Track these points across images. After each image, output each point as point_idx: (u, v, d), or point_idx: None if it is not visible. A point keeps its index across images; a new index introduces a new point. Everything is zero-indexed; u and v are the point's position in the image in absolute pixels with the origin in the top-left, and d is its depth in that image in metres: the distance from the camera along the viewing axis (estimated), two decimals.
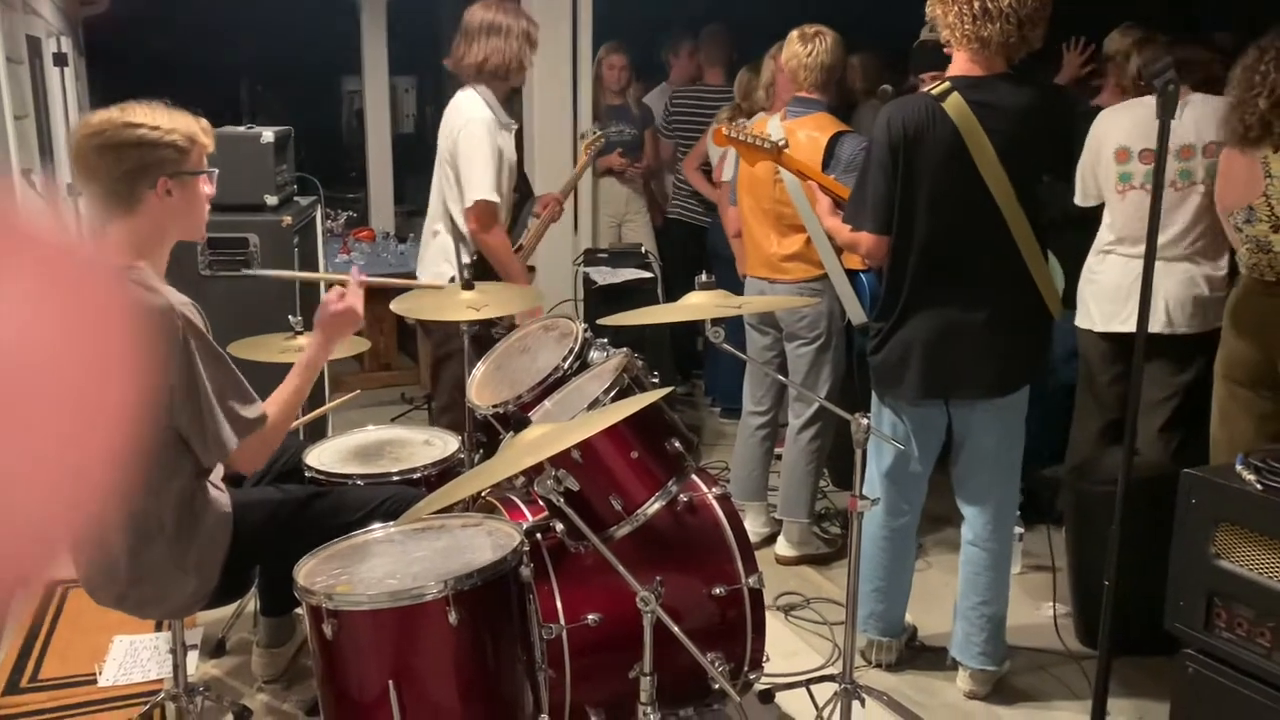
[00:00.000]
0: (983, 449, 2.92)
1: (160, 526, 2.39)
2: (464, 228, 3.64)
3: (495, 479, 2.05)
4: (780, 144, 3.17)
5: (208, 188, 2.42)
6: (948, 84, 2.68)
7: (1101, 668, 2.33)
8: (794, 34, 3.68)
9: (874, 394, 3.00)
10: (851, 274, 3.57)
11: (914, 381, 2.83)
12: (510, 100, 3.82)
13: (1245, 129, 2.94)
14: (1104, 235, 3.58)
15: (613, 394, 2.42)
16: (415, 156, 10.11)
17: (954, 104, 2.64)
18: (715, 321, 2.61)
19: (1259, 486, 1.98)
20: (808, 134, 3.58)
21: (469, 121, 3.59)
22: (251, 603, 3.17)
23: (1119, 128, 3.49)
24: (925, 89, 2.80)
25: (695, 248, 5.67)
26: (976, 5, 2.59)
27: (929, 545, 3.96)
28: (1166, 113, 2.07)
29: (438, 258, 3.75)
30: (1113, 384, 3.62)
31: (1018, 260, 2.74)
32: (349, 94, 11.56)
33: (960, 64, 2.71)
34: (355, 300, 2.52)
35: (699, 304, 2.51)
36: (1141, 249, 2.27)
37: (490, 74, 3.64)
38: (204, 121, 2.41)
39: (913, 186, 2.72)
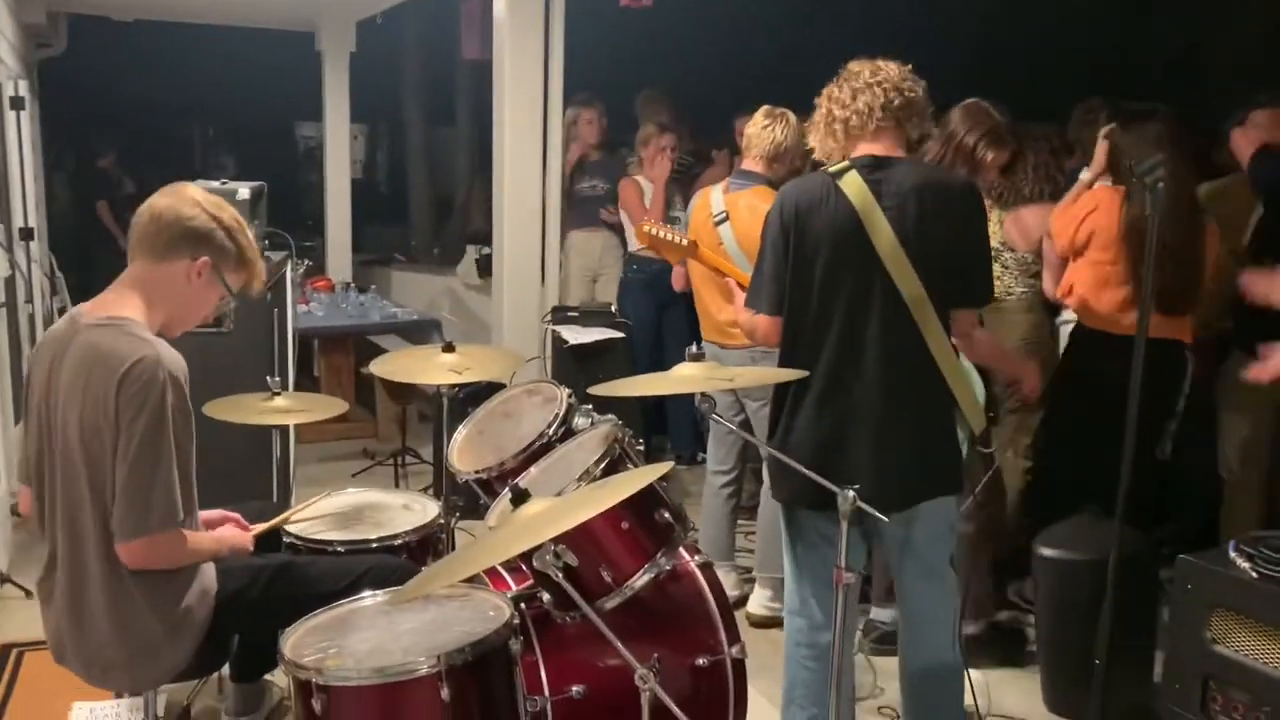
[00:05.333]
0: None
1: (139, 588, 2.32)
2: None
3: (499, 558, 2.03)
4: (694, 243, 3.38)
5: (209, 309, 2.55)
6: (847, 163, 2.59)
7: None
8: (761, 110, 3.86)
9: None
10: None
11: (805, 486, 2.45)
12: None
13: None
14: None
15: (603, 465, 2.41)
16: (366, 204, 10.09)
17: (851, 181, 2.54)
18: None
19: (1254, 574, 2.03)
20: (748, 204, 3.72)
21: None
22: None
23: None
24: (825, 168, 2.67)
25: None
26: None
27: None
28: (1155, 209, 2.14)
29: None
30: None
31: (926, 356, 2.53)
32: (303, 139, 11.50)
33: (861, 148, 2.61)
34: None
35: (690, 376, 2.51)
36: None
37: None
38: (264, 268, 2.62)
39: (804, 266, 2.58)
